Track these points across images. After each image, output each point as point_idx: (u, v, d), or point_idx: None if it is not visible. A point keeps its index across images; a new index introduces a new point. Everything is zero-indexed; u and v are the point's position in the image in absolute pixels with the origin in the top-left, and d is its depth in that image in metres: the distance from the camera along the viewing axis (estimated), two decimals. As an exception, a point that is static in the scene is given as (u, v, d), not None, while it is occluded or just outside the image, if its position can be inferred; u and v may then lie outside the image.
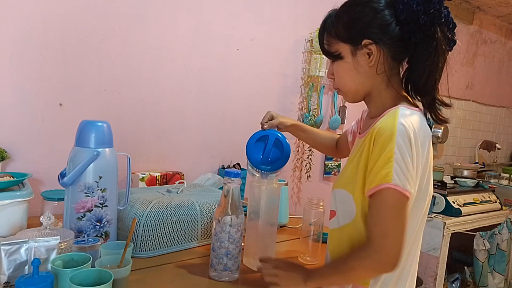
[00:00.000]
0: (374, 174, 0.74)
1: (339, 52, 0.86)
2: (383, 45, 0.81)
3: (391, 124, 0.74)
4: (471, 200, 2.53)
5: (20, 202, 1.05)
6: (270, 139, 1.10)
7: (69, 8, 1.42)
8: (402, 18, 0.78)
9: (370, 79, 0.84)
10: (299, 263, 0.99)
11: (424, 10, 0.76)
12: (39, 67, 1.39)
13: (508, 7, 3.16)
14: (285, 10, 2.05)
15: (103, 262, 0.85)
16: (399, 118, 0.75)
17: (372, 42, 0.81)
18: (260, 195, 1.06)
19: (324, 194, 2.37)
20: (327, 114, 2.32)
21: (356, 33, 0.82)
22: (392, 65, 0.83)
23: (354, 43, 0.83)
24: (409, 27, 0.79)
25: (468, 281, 2.62)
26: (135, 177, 1.58)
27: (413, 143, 0.73)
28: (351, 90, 0.88)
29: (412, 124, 0.75)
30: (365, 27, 0.81)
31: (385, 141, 0.73)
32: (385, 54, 0.81)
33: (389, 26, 0.80)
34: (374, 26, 0.80)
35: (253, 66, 1.97)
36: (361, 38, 0.81)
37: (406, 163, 0.72)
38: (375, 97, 0.86)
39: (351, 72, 0.85)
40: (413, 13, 0.77)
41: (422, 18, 0.76)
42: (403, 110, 0.77)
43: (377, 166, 0.74)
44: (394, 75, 0.85)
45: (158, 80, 1.67)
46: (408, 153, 0.72)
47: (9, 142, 1.36)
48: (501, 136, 3.93)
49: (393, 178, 0.71)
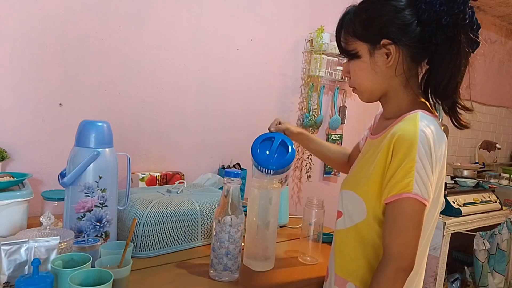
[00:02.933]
0: (395, 183, 0.72)
1: (357, 51, 0.82)
2: (402, 45, 0.78)
3: (413, 131, 0.72)
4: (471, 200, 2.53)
5: (20, 202, 1.05)
6: (276, 140, 1.10)
7: (69, 8, 1.42)
8: (424, 18, 0.75)
9: (388, 79, 0.82)
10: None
11: (447, 11, 0.73)
12: (39, 67, 1.39)
13: (508, 7, 3.16)
14: (285, 10, 2.05)
15: (103, 262, 0.85)
16: (419, 125, 0.73)
17: (391, 42, 0.78)
18: (260, 195, 1.06)
19: (324, 194, 2.37)
20: (327, 114, 2.32)
21: (375, 32, 0.79)
22: (411, 66, 0.81)
23: (372, 42, 0.80)
24: (430, 27, 0.76)
25: (468, 281, 2.62)
26: (135, 177, 1.58)
27: (433, 151, 0.72)
28: (367, 90, 0.86)
29: (432, 131, 0.74)
30: (384, 26, 0.78)
31: (407, 150, 0.71)
32: (404, 55, 0.79)
33: (409, 26, 0.77)
34: (394, 25, 0.77)
35: (253, 66, 1.97)
36: (379, 38, 0.79)
37: (427, 171, 0.71)
38: (392, 98, 0.84)
39: (368, 72, 0.82)
40: (435, 13, 0.74)
41: (444, 19, 0.73)
42: (423, 116, 0.75)
43: (398, 174, 0.72)
44: (412, 77, 0.82)
45: (158, 80, 1.67)
46: (428, 161, 0.72)
47: (9, 142, 1.36)
48: (501, 136, 3.93)
49: (414, 188, 0.71)
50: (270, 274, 1.07)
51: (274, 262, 1.11)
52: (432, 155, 0.72)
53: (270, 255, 1.10)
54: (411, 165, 0.71)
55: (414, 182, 0.71)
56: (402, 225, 0.72)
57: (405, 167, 0.71)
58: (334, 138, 2.37)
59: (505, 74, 3.77)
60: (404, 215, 0.72)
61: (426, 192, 0.72)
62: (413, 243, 0.73)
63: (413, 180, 0.71)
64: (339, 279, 0.85)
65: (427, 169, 0.71)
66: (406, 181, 0.71)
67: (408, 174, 0.71)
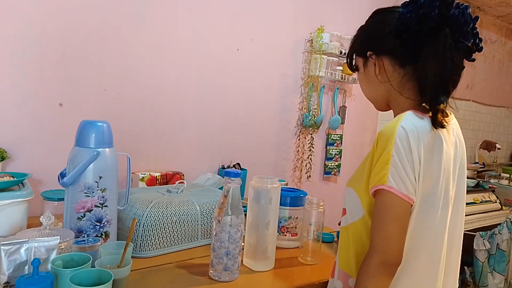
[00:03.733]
0: (374, 175, 0.76)
1: (357, 65, 0.92)
2: (383, 54, 0.85)
3: (393, 127, 0.76)
4: (471, 200, 2.53)
5: (20, 202, 1.05)
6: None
7: (69, 8, 1.42)
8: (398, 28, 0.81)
9: (380, 87, 0.88)
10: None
11: (415, 17, 0.78)
12: (39, 67, 1.39)
13: (508, 7, 3.16)
14: (285, 10, 2.05)
15: (103, 262, 0.85)
16: (401, 121, 0.76)
17: (372, 53, 0.86)
18: (260, 195, 1.06)
19: (324, 194, 2.37)
20: (327, 114, 2.32)
21: (364, 46, 0.89)
22: (403, 71, 0.84)
23: (363, 56, 0.89)
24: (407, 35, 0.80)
25: (468, 281, 2.62)
26: (135, 177, 1.58)
27: (413, 148, 0.74)
28: (371, 98, 0.93)
29: (415, 126, 0.75)
30: (367, 39, 0.89)
31: (385, 143, 0.75)
32: (388, 62, 0.84)
33: (386, 36, 0.83)
34: (374, 37, 0.87)
35: (253, 66, 1.97)
36: (366, 50, 0.88)
37: (403, 166, 0.73)
38: (394, 105, 0.88)
39: (366, 82, 0.91)
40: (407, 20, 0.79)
41: (413, 24, 0.78)
42: (410, 115, 0.78)
43: (376, 167, 0.76)
44: (407, 81, 0.84)
45: (158, 80, 1.67)
46: (406, 157, 0.73)
47: (9, 142, 1.36)
48: (501, 136, 3.93)
49: (388, 180, 0.73)
50: (270, 274, 1.07)
51: (274, 262, 1.11)
52: (412, 152, 0.74)
53: (270, 255, 1.10)
54: (387, 158, 0.74)
55: (389, 175, 0.73)
56: (381, 218, 0.74)
57: (382, 160, 0.75)
58: (334, 138, 2.37)
59: (505, 74, 3.78)
60: (382, 209, 0.74)
61: (403, 186, 0.73)
62: (394, 237, 0.73)
63: (388, 173, 0.73)
64: (342, 274, 0.87)
65: (404, 164, 0.73)
66: (382, 174, 0.74)
67: (384, 167, 0.74)
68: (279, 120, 2.13)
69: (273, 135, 2.10)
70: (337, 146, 2.39)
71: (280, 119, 2.13)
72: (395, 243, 0.73)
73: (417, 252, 0.78)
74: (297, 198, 1.25)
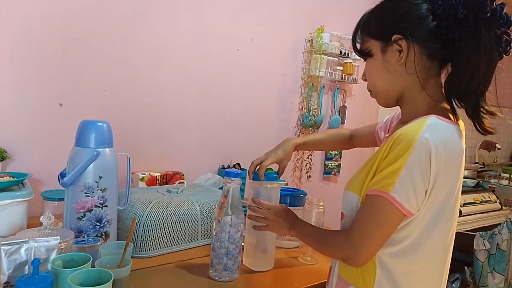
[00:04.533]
0: (380, 178, 0.71)
1: (370, 50, 0.81)
2: (414, 41, 0.74)
3: (414, 133, 0.69)
4: (471, 200, 2.53)
5: (20, 202, 1.05)
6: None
7: (69, 8, 1.42)
8: (439, 12, 0.72)
9: (401, 78, 0.79)
10: (287, 210, 0.99)
11: (464, 3, 0.69)
12: (39, 67, 1.39)
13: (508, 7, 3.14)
14: (285, 10, 2.05)
15: (103, 262, 0.85)
16: (424, 129, 0.69)
17: (402, 37, 0.75)
18: (260, 195, 1.06)
19: (324, 194, 2.37)
20: (327, 114, 2.32)
21: (387, 29, 0.77)
22: (429, 65, 0.76)
23: (384, 40, 0.78)
24: (447, 22, 0.71)
25: (468, 281, 2.62)
26: (135, 177, 1.58)
27: (433, 160, 0.68)
28: (382, 90, 0.83)
29: (439, 138, 0.69)
30: (396, 21, 0.76)
31: (400, 151, 0.69)
32: (418, 51, 0.75)
33: (423, 21, 0.73)
34: (406, 20, 0.75)
35: (253, 66, 1.97)
36: (391, 34, 0.76)
37: (413, 181, 0.68)
38: (408, 100, 0.80)
39: (381, 70, 0.80)
40: (451, 6, 0.70)
41: (461, 12, 0.69)
42: (433, 121, 0.71)
43: (385, 171, 0.70)
44: (431, 77, 0.77)
45: (158, 80, 1.67)
46: (420, 169, 0.68)
47: (9, 142, 1.36)
48: (501, 136, 3.93)
49: (393, 190, 0.69)
50: (270, 274, 1.07)
51: (274, 262, 1.11)
52: (431, 164, 0.68)
53: (270, 255, 1.10)
54: (398, 167, 0.68)
55: (395, 185, 0.68)
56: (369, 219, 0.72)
57: (393, 167, 0.69)
58: (334, 138, 2.36)
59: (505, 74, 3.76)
60: (374, 211, 0.71)
61: (406, 200, 0.69)
62: (371, 240, 0.71)
63: (395, 182, 0.68)
64: (340, 280, 0.83)
65: (415, 178, 0.68)
66: (388, 181, 0.69)
67: (393, 175, 0.69)
68: (279, 120, 2.13)
69: (273, 135, 2.10)
70: (337, 146, 2.39)
71: (280, 119, 2.13)
72: (370, 246, 0.72)
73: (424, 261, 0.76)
74: (297, 198, 1.25)
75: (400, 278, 0.75)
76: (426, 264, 0.76)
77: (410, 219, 0.72)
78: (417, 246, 0.74)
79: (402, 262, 0.75)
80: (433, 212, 0.73)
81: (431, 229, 0.74)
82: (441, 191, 0.72)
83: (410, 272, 0.75)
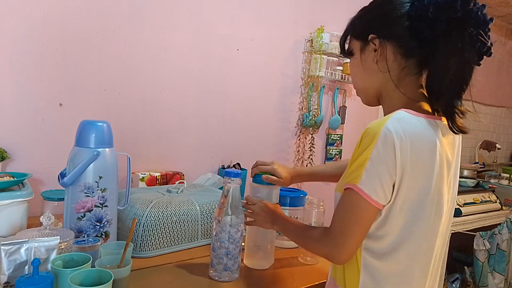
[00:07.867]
0: (349, 172, 0.73)
1: (352, 49, 0.85)
2: (387, 40, 0.77)
3: (378, 126, 0.70)
4: (471, 200, 2.53)
5: (20, 202, 1.05)
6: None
7: (69, 8, 1.42)
8: (413, 12, 0.74)
9: (376, 76, 0.81)
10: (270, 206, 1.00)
11: (435, 4, 0.70)
12: (39, 67, 1.39)
13: (508, 7, 3.16)
14: (285, 10, 2.05)
15: (103, 262, 0.85)
16: (388, 121, 0.70)
17: (376, 36, 0.79)
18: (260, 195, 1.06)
19: (324, 194, 2.36)
20: (327, 114, 2.32)
21: (364, 28, 0.81)
22: (404, 63, 0.78)
23: (363, 39, 0.82)
24: (420, 22, 0.73)
25: (468, 281, 2.62)
26: (135, 177, 1.58)
27: (397, 151, 0.68)
28: (361, 88, 0.87)
29: (404, 130, 0.69)
30: (371, 21, 0.81)
31: (366, 143, 0.71)
32: (391, 50, 0.78)
33: (397, 20, 0.76)
34: (381, 20, 0.79)
35: (253, 66, 1.97)
36: (367, 33, 0.80)
37: (378, 172, 0.69)
38: (385, 98, 0.82)
39: (359, 69, 0.84)
40: (424, 7, 0.72)
41: (431, 12, 0.70)
42: (401, 114, 0.72)
43: (354, 164, 0.72)
44: (406, 75, 0.79)
45: (158, 80, 1.67)
46: (385, 161, 0.68)
47: (9, 142, 1.36)
48: (501, 136, 3.93)
49: (360, 182, 0.70)
50: (270, 274, 1.07)
51: (273, 262, 1.11)
52: (396, 154, 0.68)
53: (270, 255, 1.10)
54: (364, 159, 0.70)
55: (362, 177, 0.70)
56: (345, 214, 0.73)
57: (360, 160, 0.71)
58: (334, 138, 2.37)
59: (505, 74, 3.77)
60: (349, 207, 0.73)
61: (374, 191, 0.69)
62: (351, 236, 0.72)
63: (362, 174, 0.70)
64: (331, 281, 0.85)
65: (380, 169, 0.69)
66: (356, 174, 0.71)
67: (360, 168, 0.70)
68: (279, 120, 2.13)
69: (273, 135, 2.11)
70: (337, 146, 2.39)
71: (280, 119, 2.13)
72: (352, 242, 0.73)
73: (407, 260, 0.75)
74: (297, 198, 1.25)
75: (384, 279, 0.74)
76: (409, 263, 0.75)
77: (385, 213, 0.72)
78: (399, 244, 0.73)
79: (386, 262, 0.74)
80: (409, 208, 0.72)
81: (413, 227, 0.73)
82: (413, 184, 0.71)
83: (393, 272, 0.74)
